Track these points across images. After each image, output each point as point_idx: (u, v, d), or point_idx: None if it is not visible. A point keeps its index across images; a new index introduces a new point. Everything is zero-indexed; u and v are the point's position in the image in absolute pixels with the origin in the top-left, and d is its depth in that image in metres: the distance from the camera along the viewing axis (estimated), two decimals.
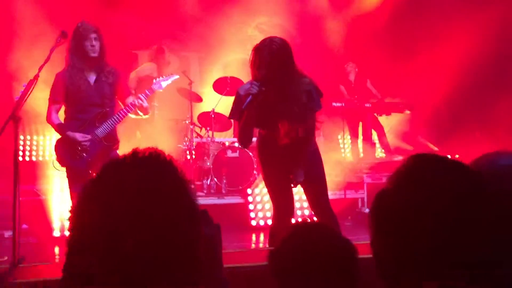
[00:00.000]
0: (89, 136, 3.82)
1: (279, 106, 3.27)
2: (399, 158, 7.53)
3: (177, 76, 4.40)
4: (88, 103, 3.83)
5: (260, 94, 3.16)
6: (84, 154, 3.79)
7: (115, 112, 3.95)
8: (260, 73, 3.17)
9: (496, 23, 6.50)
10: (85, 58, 3.79)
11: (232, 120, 6.96)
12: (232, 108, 3.40)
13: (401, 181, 1.00)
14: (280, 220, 3.49)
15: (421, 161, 1.03)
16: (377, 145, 8.11)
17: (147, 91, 4.00)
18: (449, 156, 1.10)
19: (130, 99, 3.97)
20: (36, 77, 3.42)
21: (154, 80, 4.23)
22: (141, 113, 4.00)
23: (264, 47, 3.17)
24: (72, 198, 3.87)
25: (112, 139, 3.94)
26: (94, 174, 0.96)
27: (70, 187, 3.87)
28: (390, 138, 7.99)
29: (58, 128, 3.89)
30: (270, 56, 3.16)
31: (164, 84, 4.17)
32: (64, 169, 3.89)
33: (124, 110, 3.92)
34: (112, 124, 3.88)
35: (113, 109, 3.95)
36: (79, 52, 3.78)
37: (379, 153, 8.16)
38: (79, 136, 3.81)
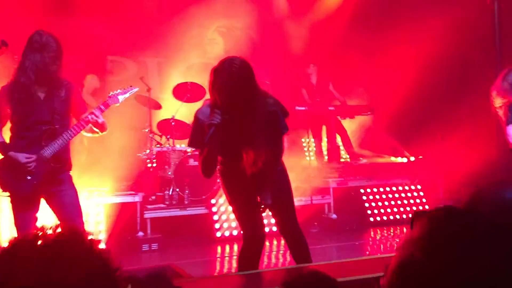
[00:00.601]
0: (34, 157, 3.44)
1: (244, 133, 3.07)
2: (364, 161, 7.50)
3: (136, 89, 4.08)
4: (36, 120, 3.46)
5: (223, 124, 2.95)
6: (29, 177, 3.41)
7: (67, 128, 3.59)
8: (221, 98, 2.95)
9: (457, 26, 6.54)
10: (40, 71, 3.43)
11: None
12: (192, 135, 3.18)
13: (432, 247, 0.84)
14: (249, 246, 3.32)
15: (450, 223, 0.87)
16: (341, 148, 8.05)
17: (101, 106, 3.65)
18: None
19: (83, 115, 3.61)
20: None
21: (110, 93, 3.88)
22: (97, 130, 3.66)
23: (224, 70, 2.94)
24: (16, 226, 3.48)
25: (61, 159, 3.55)
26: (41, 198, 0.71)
27: (14, 214, 3.48)
28: (353, 141, 7.95)
29: (0, 147, 3.51)
30: (231, 79, 2.93)
31: (121, 98, 3.83)
32: (7, 194, 3.48)
33: (75, 127, 3.56)
34: (61, 143, 3.50)
35: (64, 127, 3.56)
36: (35, 64, 3.42)
37: (344, 156, 8.11)
38: (21, 157, 3.42)
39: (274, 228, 4.21)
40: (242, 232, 3.37)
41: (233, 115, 2.99)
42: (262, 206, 3.19)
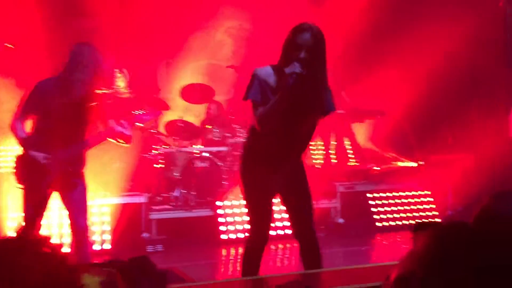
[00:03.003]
0: (51, 157, 3.52)
1: (309, 99, 2.98)
2: (372, 166, 7.41)
3: (161, 114, 4.12)
4: (64, 119, 3.52)
5: (303, 76, 2.87)
6: (45, 175, 3.52)
7: (90, 134, 3.65)
8: (300, 55, 2.89)
9: (469, 33, 6.45)
10: (86, 75, 3.55)
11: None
12: (251, 88, 2.98)
13: (434, 266, 0.81)
14: (257, 248, 3.20)
15: (449, 240, 0.83)
16: (350, 152, 7.97)
17: (123, 122, 3.66)
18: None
19: (111, 123, 3.66)
20: None
21: (135, 111, 3.95)
22: (121, 141, 3.70)
23: (309, 28, 2.93)
24: (24, 218, 3.63)
25: (78, 162, 3.64)
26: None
27: (24, 206, 3.63)
28: (362, 145, 7.87)
29: (23, 142, 3.59)
30: (314, 40, 2.91)
31: (146, 118, 3.92)
32: (21, 186, 3.62)
33: (100, 134, 3.63)
34: (82, 146, 3.61)
35: (86, 131, 3.64)
36: (88, 69, 3.53)
37: (352, 160, 8.03)
38: (41, 157, 3.51)
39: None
40: (251, 231, 3.20)
41: (308, 74, 2.91)
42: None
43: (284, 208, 3.33)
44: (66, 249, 5.12)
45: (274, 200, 3.23)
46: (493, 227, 0.95)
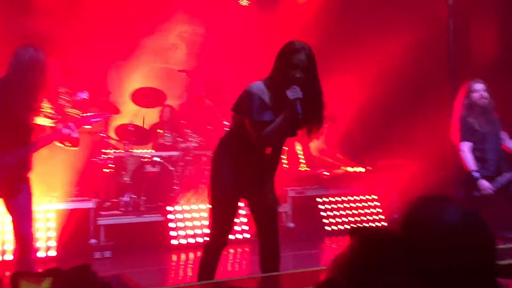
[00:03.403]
0: None
1: (304, 116, 3.04)
2: (322, 171, 7.55)
3: (110, 115, 4.01)
4: (8, 122, 3.39)
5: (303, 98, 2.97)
6: None
7: (36, 137, 3.51)
8: (296, 75, 2.96)
9: (416, 42, 6.70)
10: (30, 77, 3.42)
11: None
12: (254, 108, 3.00)
13: (353, 273, 0.84)
14: (215, 253, 3.22)
15: (368, 245, 0.87)
16: (300, 157, 8.08)
17: (70, 124, 3.54)
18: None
19: (58, 126, 3.54)
20: None
21: (82, 114, 3.82)
22: (68, 144, 3.57)
23: (301, 49, 3.00)
24: None
25: (22, 165, 3.49)
26: None
27: None
28: (313, 151, 8.00)
29: None
30: (308, 60, 3.00)
31: (94, 120, 3.80)
32: None
33: (48, 136, 3.50)
34: (28, 150, 3.46)
35: (32, 134, 3.50)
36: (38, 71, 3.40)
37: (303, 165, 8.14)
38: None
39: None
40: (211, 237, 3.21)
41: (305, 94, 2.98)
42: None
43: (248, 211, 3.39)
44: (9, 256, 4.93)
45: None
46: (415, 232, 1.00)
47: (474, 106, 4.64)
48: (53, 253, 5.29)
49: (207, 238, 3.31)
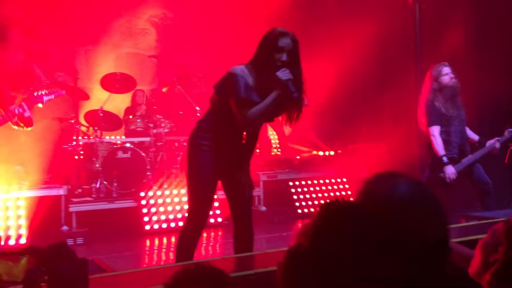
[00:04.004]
0: None
1: (286, 102, 3.11)
2: (293, 155, 7.65)
3: (63, 92, 3.97)
4: None
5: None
6: None
7: None
8: (282, 58, 3.02)
9: (382, 29, 6.82)
10: None
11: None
12: (239, 87, 3.00)
13: (317, 237, 0.92)
14: (194, 236, 3.23)
15: (332, 215, 0.95)
16: (273, 141, 8.17)
17: (23, 104, 3.50)
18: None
19: (11, 107, 3.48)
20: None
21: (35, 93, 3.75)
22: (22, 124, 3.53)
23: (287, 34, 3.06)
24: None
25: None
26: None
27: None
28: (285, 135, 8.09)
29: None
30: (293, 44, 3.07)
31: (46, 99, 3.73)
32: None
33: (2, 117, 3.44)
34: None
35: None
36: None
37: (274, 149, 8.24)
38: None
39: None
40: (190, 219, 3.21)
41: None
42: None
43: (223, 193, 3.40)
44: None
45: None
46: (372, 206, 1.08)
47: (443, 89, 4.74)
48: (23, 241, 5.25)
49: (181, 223, 3.34)
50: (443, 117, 4.74)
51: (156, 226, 5.78)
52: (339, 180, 7.11)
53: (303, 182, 6.89)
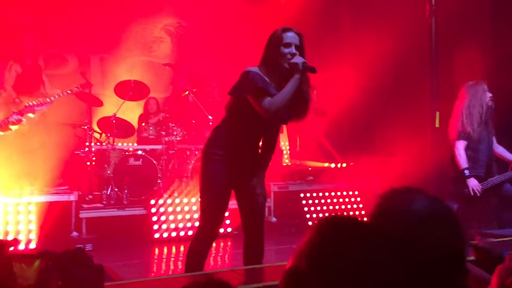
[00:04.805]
0: None
1: (296, 101, 3.06)
2: (304, 163, 7.59)
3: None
4: None
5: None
6: None
7: None
8: (292, 50, 3.02)
9: (399, 37, 6.76)
10: None
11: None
12: (255, 80, 2.98)
13: (316, 259, 0.86)
14: (210, 231, 3.16)
15: (332, 234, 0.90)
16: (284, 152, 8.13)
17: (14, 115, 3.53)
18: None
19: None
20: None
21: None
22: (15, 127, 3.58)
23: (291, 29, 3.08)
24: None
25: None
26: None
27: None
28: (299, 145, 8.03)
29: None
30: (299, 38, 3.08)
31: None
32: None
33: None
34: None
35: None
36: None
37: (286, 160, 8.19)
38: None
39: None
40: (201, 229, 3.15)
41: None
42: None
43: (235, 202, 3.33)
44: None
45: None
46: (386, 223, 1.03)
47: (481, 107, 4.69)
48: (33, 246, 5.25)
49: (190, 232, 3.31)
50: (473, 134, 4.69)
51: (165, 235, 5.74)
52: (351, 192, 7.03)
53: (315, 194, 6.82)
